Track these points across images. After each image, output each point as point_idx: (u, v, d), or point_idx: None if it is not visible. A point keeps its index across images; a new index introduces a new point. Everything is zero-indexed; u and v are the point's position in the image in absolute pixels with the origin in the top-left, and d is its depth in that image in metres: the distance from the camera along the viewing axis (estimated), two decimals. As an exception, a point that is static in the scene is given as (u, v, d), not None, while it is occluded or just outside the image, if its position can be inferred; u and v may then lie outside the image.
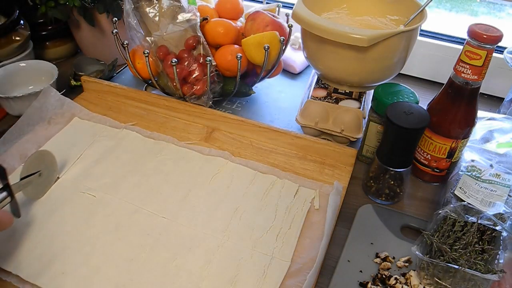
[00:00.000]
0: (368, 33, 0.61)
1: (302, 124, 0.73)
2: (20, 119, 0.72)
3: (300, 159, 0.70)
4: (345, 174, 0.68)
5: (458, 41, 0.91)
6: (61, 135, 0.72)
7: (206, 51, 0.73)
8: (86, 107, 0.78)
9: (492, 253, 0.51)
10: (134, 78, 0.88)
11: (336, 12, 0.81)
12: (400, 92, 0.65)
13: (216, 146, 0.72)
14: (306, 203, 0.62)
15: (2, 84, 0.78)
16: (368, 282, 0.52)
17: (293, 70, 0.93)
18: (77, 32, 0.91)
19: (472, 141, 0.66)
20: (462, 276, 0.50)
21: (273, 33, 0.72)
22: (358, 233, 0.59)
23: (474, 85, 0.58)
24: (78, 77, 0.85)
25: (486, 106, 0.87)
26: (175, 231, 0.58)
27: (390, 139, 0.60)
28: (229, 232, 0.58)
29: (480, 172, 0.59)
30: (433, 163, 0.65)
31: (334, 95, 0.73)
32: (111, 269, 0.53)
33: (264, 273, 0.53)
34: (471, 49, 0.55)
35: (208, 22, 0.76)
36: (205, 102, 0.75)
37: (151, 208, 0.61)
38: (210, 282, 0.52)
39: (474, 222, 0.53)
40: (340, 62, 0.68)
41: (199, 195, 0.63)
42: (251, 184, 0.65)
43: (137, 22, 0.73)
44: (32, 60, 0.84)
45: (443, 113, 0.61)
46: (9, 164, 0.66)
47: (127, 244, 0.56)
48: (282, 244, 0.57)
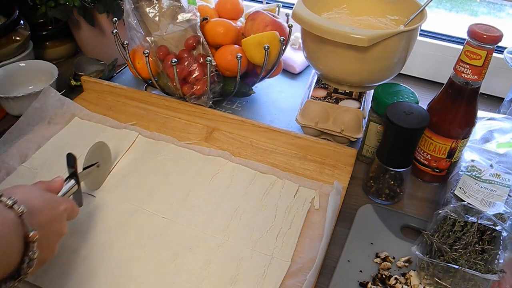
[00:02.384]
0: (368, 33, 0.61)
1: (302, 124, 0.73)
2: (20, 119, 0.72)
3: (300, 159, 0.70)
4: (345, 174, 0.68)
5: (458, 41, 0.91)
6: (61, 135, 0.72)
7: (206, 51, 0.73)
8: (86, 107, 0.78)
9: (492, 253, 0.51)
10: (134, 78, 0.88)
11: (336, 12, 0.81)
12: (400, 92, 0.65)
13: (216, 146, 0.72)
14: (306, 203, 0.62)
15: (2, 84, 0.78)
16: (368, 282, 0.52)
17: (293, 70, 0.93)
18: (77, 32, 0.91)
19: (472, 141, 0.66)
20: (462, 276, 0.50)
21: (273, 33, 0.72)
22: (358, 233, 0.59)
23: (474, 85, 0.58)
24: (78, 77, 0.85)
25: (486, 106, 0.87)
26: (175, 231, 0.58)
27: (390, 139, 0.60)
28: (229, 232, 0.58)
29: (480, 172, 0.59)
30: (433, 163, 0.65)
31: (334, 95, 0.73)
32: (111, 269, 0.53)
33: (264, 273, 0.53)
34: (471, 49, 0.55)
35: (208, 22, 0.76)
36: (205, 102, 0.75)
37: (151, 208, 0.61)
38: (210, 282, 0.52)
39: (474, 222, 0.53)
40: (340, 62, 0.68)
41: (199, 195, 0.63)
42: (251, 184, 0.65)
43: (137, 22, 0.73)
44: (32, 60, 0.84)
45: (443, 113, 0.61)
46: (9, 164, 0.66)
47: (127, 244, 0.56)
48: (282, 244, 0.57)
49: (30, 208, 0.42)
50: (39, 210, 0.44)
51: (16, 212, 0.40)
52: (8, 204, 0.40)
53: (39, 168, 0.66)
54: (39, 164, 0.67)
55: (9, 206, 0.40)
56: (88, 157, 0.61)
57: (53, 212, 0.46)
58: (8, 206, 0.40)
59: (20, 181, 0.64)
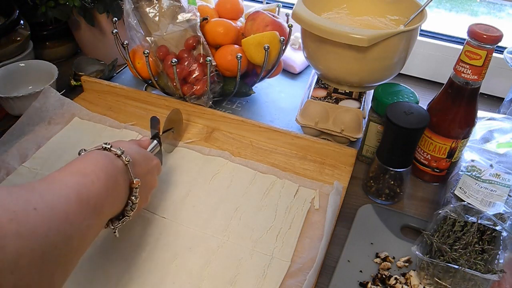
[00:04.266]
0: (368, 33, 0.61)
1: (302, 124, 0.73)
2: (20, 119, 0.72)
3: (300, 159, 0.70)
4: (345, 174, 0.68)
5: (458, 41, 0.91)
6: (61, 135, 0.72)
7: (206, 51, 0.73)
8: (86, 107, 0.78)
9: (492, 253, 0.51)
10: (134, 78, 0.88)
11: (336, 12, 0.81)
12: (400, 92, 0.65)
13: (216, 146, 0.72)
14: (306, 203, 0.62)
15: (2, 84, 0.78)
16: (368, 282, 0.52)
17: (293, 70, 0.93)
18: (77, 32, 0.91)
19: (472, 141, 0.66)
20: (462, 276, 0.50)
21: (273, 33, 0.72)
22: (358, 233, 0.59)
23: (474, 85, 0.58)
24: (78, 77, 0.85)
25: (486, 106, 0.87)
26: (175, 231, 0.58)
27: (390, 139, 0.60)
28: (229, 232, 0.58)
29: (480, 172, 0.59)
30: (433, 163, 0.65)
31: (334, 95, 0.73)
32: (111, 269, 0.53)
33: (264, 273, 0.53)
34: (471, 49, 0.55)
35: (208, 22, 0.76)
36: (205, 102, 0.75)
37: (151, 208, 0.60)
38: (210, 282, 0.52)
39: (474, 222, 0.53)
40: (340, 62, 0.68)
41: (199, 195, 0.63)
42: (251, 184, 0.65)
43: (137, 22, 0.73)
44: (32, 60, 0.84)
45: (443, 113, 0.61)
46: (9, 164, 0.66)
47: (127, 244, 0.56)
48: (282, 244, 0.57)
49: (132, 159, 0.48)
50: (139, 162, 0.50)
51: (123, 161, 0.47)
52: (117, 154, 0.47)
53: (39, 168, 0.66)
54: (39, 164, 0.67)
55: (118, 155, 0.47)
56: (166, 123, 0.66)
57: (148, 166, 0.52)
58: (117, 155, 0.47)
59: (20, 181, 0.64)
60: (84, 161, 0.44)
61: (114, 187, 0.44)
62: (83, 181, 0.41)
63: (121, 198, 0.46)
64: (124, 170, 0.47)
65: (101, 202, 0.42)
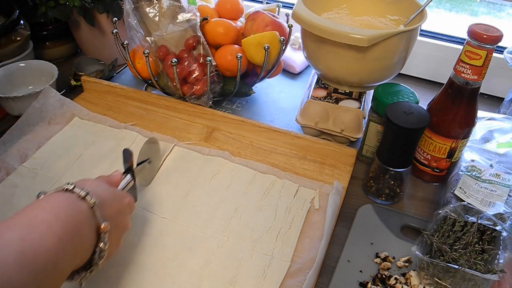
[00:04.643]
0: (368, 33, 0.61)
1: (302, 124, 0.73)
2: (20, 119, 0.72)
3: (300, 159, 0.70)
4: (345, 174, 0.68)
5: (458, 41, 0.91)
6: (61, 135, 0.72)
7: (206, 51, 0.73)
8: (86, 107, 0.78)
9: (492, 253, 0.51)
10: (134, 78, 0.88)
11: (336, 12, 0.81)
12: (400, 92, 0.65)
13: (216, 146, 0.72)
14: (306, 203, 0.62)
15: (2, 84, 0.78)
16: (368, 282, 0.52)
17: (293, 70, 0.93)
18: (77, 32, 0.91)
19: (472, 141, 0.66)
20: (462, 276, 0.50)
21: (273, 33, 0.72)
22: (358, 233, 0.59)
23: (474, 85, 0.58)
24: (78, 77, 0.85)
25: (486, 106, 0.87)
26: (175, 231, 0.58)
27: (390, 139, 0.60)
28: (229, 232, 0.58)
29: (480, 172, 0.59)
30: (433, 163, 0.65)
31: (334, 95, 0.73)
32: (111, 269, 0.53)
33: (264, 273, 0.53)
34: (471, 49, 0.55)
35: (208, 22, 0.76)
36: (205, 102, 0.75)
37: (151, 208, 0.61)
38: (210, 282, 0.52)
39: (474, 222, 0.53)
40: (340, 62, 0.68)
41: (199, 195, 0.63)
42: (251, 184, 0.65)
43: (137, 22, 0.73)
44: (32, 60, 0.84)
45: (443, 113, 0.61)
46: (9, 164, 0.66)
47: (127, 244, 0.56)
48: (282, 244, 0.57)
49: (100, 200, 0.42)
50: (108, 203, 0.45)
51: (88, 203, 0.41)
52: (81, 195, 0.41)
53: (39, 168, 0.66)
54: (39, 164, 0.67)
55: (82, 197, 0.41)
56: (141, 154, 0.62)
57: (119, 205, 0.47)
58: (81, 197, 0.41)
59: (20, 181, 0.64)
60: (38, 208, 0.38)
61: (73, 236, 0.38)
62: (29, 237, 0.35)
63: (86, 247, 0.40)
64: (90, 213, 0.41)
65: (53, 258, 0.36)
